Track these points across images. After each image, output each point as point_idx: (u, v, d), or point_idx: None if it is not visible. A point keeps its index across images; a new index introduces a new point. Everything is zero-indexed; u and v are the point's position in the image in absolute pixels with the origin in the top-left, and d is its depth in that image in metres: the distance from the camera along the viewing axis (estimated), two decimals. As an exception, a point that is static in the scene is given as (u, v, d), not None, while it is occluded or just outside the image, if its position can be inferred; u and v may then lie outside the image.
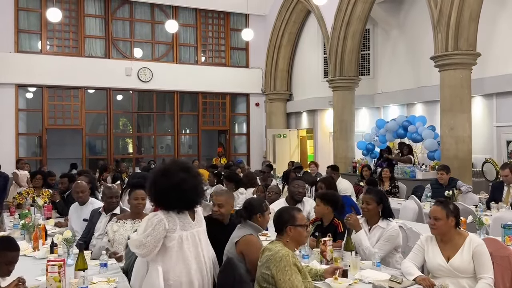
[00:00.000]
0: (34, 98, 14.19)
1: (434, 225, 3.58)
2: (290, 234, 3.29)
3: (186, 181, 3.19)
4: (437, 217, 3.56)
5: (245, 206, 3.82)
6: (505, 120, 10.16)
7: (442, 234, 3.59)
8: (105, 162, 13.25)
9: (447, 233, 3.58)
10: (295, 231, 3.30)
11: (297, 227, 3.31)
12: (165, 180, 3.19)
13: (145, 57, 14.99)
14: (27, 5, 13.62)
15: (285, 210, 3.47)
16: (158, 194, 3.22)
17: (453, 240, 3.58)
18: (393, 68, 13.34)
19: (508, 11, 10.22)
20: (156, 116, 15.80)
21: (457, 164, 9.09)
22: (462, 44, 9.26)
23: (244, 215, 3.73)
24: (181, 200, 3.20)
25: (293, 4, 14.73)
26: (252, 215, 3.71)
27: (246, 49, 16.26)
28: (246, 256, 3.50)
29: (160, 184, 3.20)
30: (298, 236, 3.33)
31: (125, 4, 14.69)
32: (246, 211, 3.75)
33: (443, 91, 9.50)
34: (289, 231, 3.30)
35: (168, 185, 3.17)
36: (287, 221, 3.32)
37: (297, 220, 3.34)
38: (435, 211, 3.60)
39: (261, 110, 16.42)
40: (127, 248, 3.71)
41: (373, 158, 12.47)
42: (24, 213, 5.54)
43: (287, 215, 3.36)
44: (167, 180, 3.18)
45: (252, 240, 3.57)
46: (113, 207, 4.85)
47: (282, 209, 3.54)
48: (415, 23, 12.47)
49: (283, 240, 3.29)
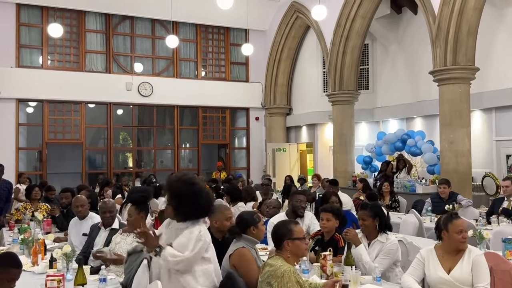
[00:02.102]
0: (35, 113, 14.23)
1: (466, 238, 3.59)
2: (288, 248, 3.28)
3: (204, 189, 3.40)
4: (464, 230, 3.58)
5: (237, 222, 3.82)
6: (505, 134, 10.19)
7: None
8: (106, 177, 13.23)
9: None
10: (293, 245, 3.29)
11: (295, 241, 3.30)
12: (192, 189, 3.28)
13: (146, 72, 15.07)
14: (29, 21, 13.72)
15: (281, 225, 3.44)
16: (188, 203, 3.26)
17: (454, 253, 3.59)
18: (392, 83, 13.41)
19: (506, 26, 10.32)
20: (156, 130, 15.83)
21: (457, 178, 9.09)
22: (461, 58, 9.32)
23: (238, 231, 3.73)
24: (207, 207, 3.38)
25: (292, 19, 14.85)
26: (246, 229, 3.71)
27: (246, 64, 16.35)
28: (238, 269, 3.48)
29: (188, 193, 3.27)
30: (297, 249, 3.31)
31: (126, 20, 14.80)
32: (239, 226, 3.75)
33: (442, 105, 9.54)
34: (287, 245, 3.28)
35: (197, 194, 3.28)
36: (284, 235, 3.31)
37: (294, 233, 3.32)
38: (464, 224, 3.63)
39: (261, 124, 16.45)
40: (126, 263, 3.70)
41: (373, 172, 12.48)
42: (24, 228, 5.53)
43: (284, 229, 3.35)
44: (194, 189, 3.28)
45: (243, 253, 3.56)
46: (108, 222, 4.82)
47: (278, 223, 3.52)
48: (414, 38, 12.57)
49: (284, 255, 3.27)
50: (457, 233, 3.53)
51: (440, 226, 3.65)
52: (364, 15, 12.15)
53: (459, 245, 3.55)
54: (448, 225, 3.58)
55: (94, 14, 14.36)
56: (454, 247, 3.57)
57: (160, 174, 15.09)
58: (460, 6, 9.14)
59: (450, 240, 3.57)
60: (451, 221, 3.59)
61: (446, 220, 3.63)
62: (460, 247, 3.56)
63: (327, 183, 8.88)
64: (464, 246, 3.56)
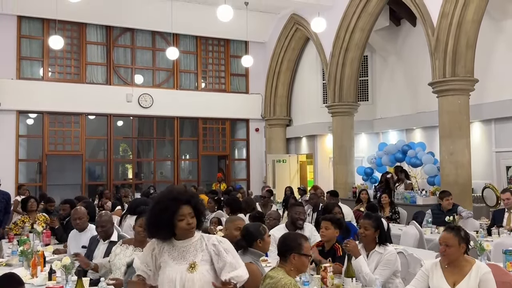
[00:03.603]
0: (35, 124, 14.25)
1: (445, 252, 3.47)
2: (293, 262, 3.24)
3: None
4: (449, 244, 3.45)
5: (243, 234, 3.77)
6: (504, 146, 10.20)
7: (451, 261, 3.46)
8: (105, 188, 13.22)
9: (456, 260, 3.46)
10: (299, 260, 3.25)
11: (301, 256, 3.26)
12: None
13: (146, 84, 15.12)
14: (30, 33, 13.80)
15: (292, 237, 3.40)
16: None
17: (460, 266, 3.50)
18: (391, 94, 13.45)
19: (504, 38, 10.38)
20: (156, 141, 15.84)
21: (457, 189, 9.07)
22: (460, 70, 9.36)
23: (244, 244, 3.68)
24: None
25: (292, 31, 14.93)
26: (252, 242, 3.67)
27: (246, 75, 16.41)
28: (247, 285, 3.46)
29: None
30: (301, 265, 3.28)
31: (127, 32, 14.88)
32: (245, 239, 3.70)
33: (442, 116, 9.56)
34: (293, 259, 3.24)
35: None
36: (293, 248, 3.26)
37: (303, 249, 3.28)
38: (446, 237, 3.48)
39: (261, 136, 16.47)
40: (126, 275, 3.69)
41: (373, 183, 12.46)
42: (23, 240, 5.51)
43: (294, 242, 3.30)
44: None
45: (252, 269, 3.52)
46: (102, 236, 4.82)
47: (289, 235, 3.48)
48: (413, 50, 12.63)
49: (286, 268, 3.23)
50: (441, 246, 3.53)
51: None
52: (363, 28, 12.23)
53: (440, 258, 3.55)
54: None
55: (95, 26, 14.44)
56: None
57: (160, 186, 15.09)
58: (459, 18, 9.21)
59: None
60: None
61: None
62: (442, 259, 3.54)
63: (327, 194, 8.86)
64: (443, 258, 3.52)
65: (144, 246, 4.26)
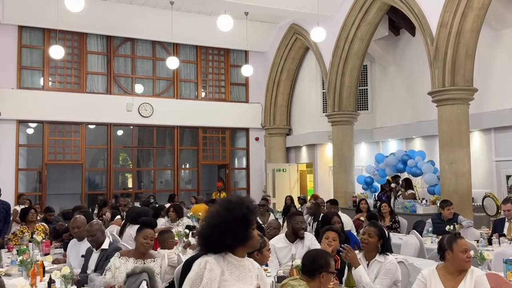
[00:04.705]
0: (35, 134, 14.26)
1: (470, 258, 3.60)
2: (322, 281, 3.23)
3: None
4: (469, 249, 3.60)
5: None
6: (504, 155, 10.20)
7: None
8: (104, 197, 13.19)
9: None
10: (327, 278, 3.26)
11: (329, 274, 3.28)
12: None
13: (146, 93, 15.15)
14: (30, 43, 13.85)
15: (321, 256, 3.36)
16: None
17: (456, 273, 3.59)
18: (391, 103, 13.48)
19: (503, 47, 10.43)
20: (156, 151, 15.84)
21: (457, 199, 9.05)
22: (459, 79, 9.38)
23: None
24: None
25: (292, 41, 15.00)
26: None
27: (246, 85, 16.45)
28: None
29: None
30: (327, 282, 3.29)
31: (127, 42, 14.94)
32: None
33: (442, 126, 9.57)
34: (321, 278, 3.23)
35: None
36: (322, 267, 3.25)
37: (331, 267, 3.30)
38: (467, 243, 3.65)
39: (261, 145, 16.47)
40: (125, 284, 3.67)
41: (373, 193, 12.45)
42: (22, 249, 5.49)
43: (323, 261, 3.29)
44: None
45: None
46: (93, 245, 4.84)
47: (317, 253, 3.44)
48: (412, 59, 12.68)
49: (313, 284, 3.22)
50: (462, 253, 3.54)
51: (444, 246, 3.63)
52: (363, 37, 12.28)
53: (464, 265, 3.55)
54: (452, 244, 3.57)
55: (95, 36, 14.51)
56: (458, 267, 3.56)
57: (160, 195, 15.08)
58: (458, 28, 9.25)
59: (454, 260, 3.56)
60: (456, 241, 3.58)
61: (450, 239, 3.62)
62: (465, 266, 3.56)
63: (327, 204, 8.84)
64: (468, 265, 3.56)
65: (146, 257, 4.25)
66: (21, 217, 7.47)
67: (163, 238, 5.56)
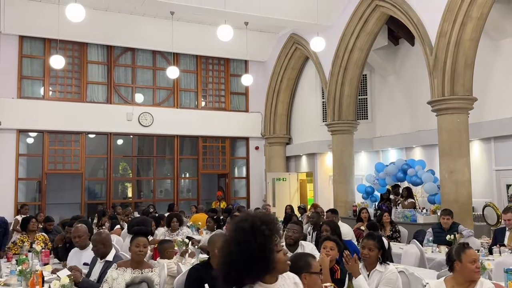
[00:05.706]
0: (35, 143, 14.26)
1: (479, 268, 3.56)
2: (305, 282, 3.16)
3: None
4: (477, 259, 3.56)
5: None
6: (504, 164, 10.20)
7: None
8: (104, 207, 13.17)
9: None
10: (310, 279, 3.20)
11: (312, 275, 3.22)
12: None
13: (146, 102, 15.19)
14: (31, 52, 13.90)
15: (299, 257, 3.35)
16: None
17: (465, 284, 3.53)
18: (391, 113, 13.50)
19: (502, 57, 10.46)
20: (156, 160, 15.84)
21: (458, 208, 9.04)
22: (459, 89, 9.41)
23: None
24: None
25: (291, 50, 15.06)
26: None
27: (246, 94, 16.49)
28: None
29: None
30: (313, 284, 3.22)
31: (128, 51, 15.00)
32: None
33: (441, 135, 9.58)
34: (304, 279, 3.17)
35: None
36: (302, 267, 3.20)
37: (313, 267, 3.25)
38: (476, 254, 3.61)
39: (261, 154, 16.47)
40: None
41: (373, 202, 12.43)
42: (22, 259, 5.47)
43: (302, 262, 3.25)
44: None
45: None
46: (96, 254, 4.82)
47: (295, 255, 3.44)
48: (411, 68, 12.72)
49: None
50: (471, 263, 3.48)
51: (452, 257, 3.56)
52: (362, 47, 12.33)
53: (473, 275, 3.48)
54: (461, 255, 3.51)
55: (96, 46, 14.56)
56: (467, 278, 3.49)
57: (160, 204, 15.05)
58: (457, 37, 9.29)
59: (463, 271, 3.49)
60: (464, 251, 3.53)
61: (458, 250, 3.56)
62: (474, 277, 3.49)
63: (328, 213, 8.81)
64: (477, 276, 3.50)
65: (143, 267, 4.24)
66: (22, 226, 7.47)
67: (162, 247, 5.53)
